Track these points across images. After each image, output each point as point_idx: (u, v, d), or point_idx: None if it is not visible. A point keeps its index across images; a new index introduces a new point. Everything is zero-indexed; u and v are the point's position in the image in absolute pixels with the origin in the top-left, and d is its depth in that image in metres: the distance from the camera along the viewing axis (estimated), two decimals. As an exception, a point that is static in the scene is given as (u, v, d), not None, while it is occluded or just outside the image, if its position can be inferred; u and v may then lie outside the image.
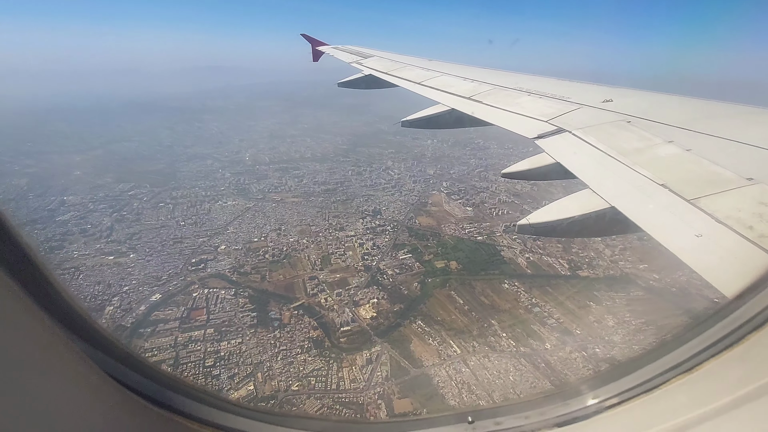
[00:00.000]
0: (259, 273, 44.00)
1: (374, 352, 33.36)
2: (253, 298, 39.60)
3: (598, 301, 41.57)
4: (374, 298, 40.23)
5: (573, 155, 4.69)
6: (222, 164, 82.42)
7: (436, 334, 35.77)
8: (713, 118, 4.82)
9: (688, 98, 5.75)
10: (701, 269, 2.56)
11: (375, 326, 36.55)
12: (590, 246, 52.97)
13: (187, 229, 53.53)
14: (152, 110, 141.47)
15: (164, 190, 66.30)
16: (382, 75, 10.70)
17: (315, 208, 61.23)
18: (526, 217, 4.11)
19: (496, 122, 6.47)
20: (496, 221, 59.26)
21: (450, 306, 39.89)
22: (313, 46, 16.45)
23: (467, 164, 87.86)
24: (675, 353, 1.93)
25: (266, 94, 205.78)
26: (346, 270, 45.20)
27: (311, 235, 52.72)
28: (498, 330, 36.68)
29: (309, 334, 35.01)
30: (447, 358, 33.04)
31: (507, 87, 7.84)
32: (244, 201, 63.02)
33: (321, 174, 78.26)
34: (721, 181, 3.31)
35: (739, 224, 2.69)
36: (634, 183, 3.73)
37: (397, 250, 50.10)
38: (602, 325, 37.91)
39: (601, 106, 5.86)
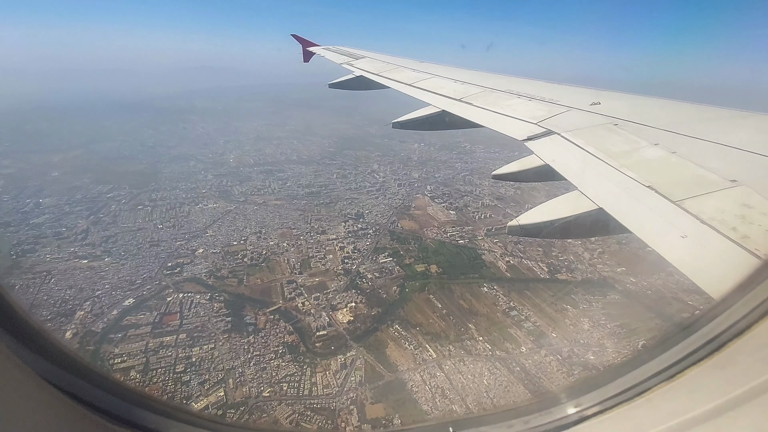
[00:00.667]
0: (236, 277, 43.41)
1: (349, 357, 33.07)
2: (229, 303, 39.01)
3: (575, 305, 41.92)
4: (352, 302, 39.96)
5: (562, 157, 4.74)
6: (205, 166, 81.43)
7: (412, 339, 35.63)
8: (697, 122, 4.91)
9: (674, 102, 5.86)
10: (687, 270, 2.59)
11: (352, 330, 36.28)
12: (570, 249, 53.56)
13: (165, 232, 52.63)
14: (138, 110, 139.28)
15: (144, 192, 65.17)
16: (373, 76, 10.69)
17: (297, 211, 60.79)
18: (516, 219, 4.10)
19: (486, 124, 6.52)
20: (479, 225, 59.53)
21: (428, 310, 39.81)
22: (304, 46, 16.35)
23: (453, 168, 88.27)
24: (656, 361, 1.93)
25: (255, 95, 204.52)
26: (325, 274, 44.85)
27: (292, 239, 52.26)
28: (475, 334, 36.70)
29: (284, 339, 34.56)
30: (422, 363, 32.91)
31: (497, 89, 7.92)
32: (225, 203, 62.27)
33: (306, 177, 77.83)
34: (705, 183, 3.37)
35: (723, 225, 2.72)
36: (621, 185, 3.78)
37: (378, 253, 49.92)
38: (578, 328, 38.21)
39: (589, 109, 5.95)
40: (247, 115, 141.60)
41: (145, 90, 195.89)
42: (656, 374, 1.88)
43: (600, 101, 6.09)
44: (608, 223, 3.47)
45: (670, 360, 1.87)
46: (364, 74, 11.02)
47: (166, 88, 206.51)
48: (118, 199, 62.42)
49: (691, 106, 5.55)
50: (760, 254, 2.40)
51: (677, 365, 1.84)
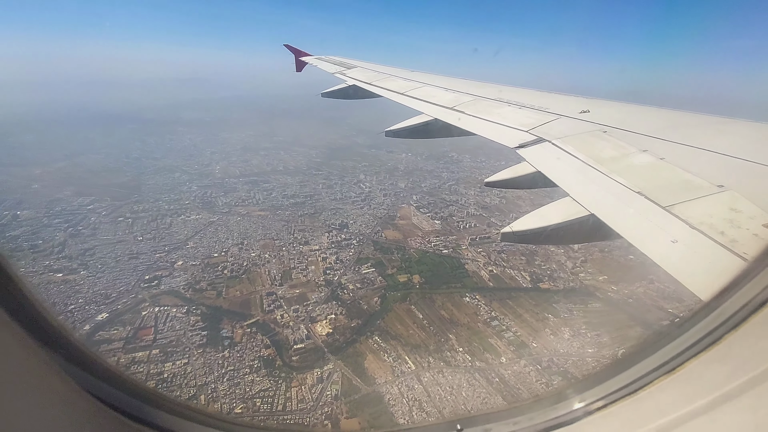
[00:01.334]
0: (215, 289, 42.73)
1: (326, 371, 32.53)
2: (206, 316, 38.31)
3: (556, 314, 41.96)
4: (332, 313, 39.51)
5: (553, 164, 4.77)
6: (190, 177, 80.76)
7: (391, 350, 35.24)
8: (684, 128, 4.99)
9: (660, 109, 5.93)
10: (678, 274, 2.62)
11: (330, 343, 35.77)
12: (553, 258, 53.87)
13: (144, 244, 51.81)
14: (124, 122, 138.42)
15: (125, 204, 64.29)
16: (366, 85, 10.77)
17: (281, 222, 60.39)
18: (510, 225, 4.15)
19: (478, 132, 6.55)
20: (463, 234, 59.64)
21: (409, 321, 39.50)
22: (297, 56, 16.40)
23: (439, 177, 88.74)
24: (658, 354, 1.97)
25: (245, 106, 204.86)
26: (306, 285, 44.39)
27: (274, 250, 51.78)
28: (455, 344, 36.43)
29: (260, 353, 33.92)
30: (400, 375, 32.50)
31: (488, 98, 8.00)
32: (208, 215, 61.64)
33: (291, 187, 77.58)
34: (693, 188, 3.43)
35: (711, 230, 2.78)
36: (611, 191, 3.83)
37: (361, 264, 49.64)
38: (558, 337, 38.16)
39: (578, 117, 6.01)
40: (235, 126, 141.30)
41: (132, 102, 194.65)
42: (657, 368, 1.92)
43: (589, 109, 6.19)
44: (600, 229, 3.51)
45: (669, 354, 1.92)
46: (356, 83, 11.13)
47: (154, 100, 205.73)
48: (98, 211, 61.44)
49: (676, 113, 5.65)
50: (748, 257, 2.44)
51: (677, 358, 1.88)
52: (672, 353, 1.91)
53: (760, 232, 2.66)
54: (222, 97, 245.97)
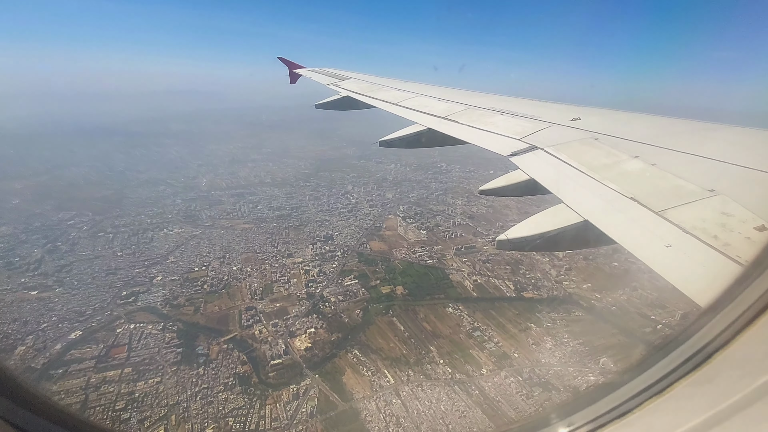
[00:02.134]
0: (193, 305, 41.92)
1: (303, 387, 31.85)
2: (182, 333, 37.48)
3: (539, 323, 41.74)
4: (312, 327, 38.88)
5: (546, 171, 4.81)
6: (175, 190, 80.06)
7: (371, 364, 34.65)
8: (674, 134, 5.04)
9: (649, 116, 6.01)
10: (672, 279, 2.61)
11: (308, 358, 35.09)
12: (537, 266, 53.88)
13: (123, 259, 50.90)
14: (111, 134, 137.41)
15: (106, 219, 63.38)
16: (359, 96, 10.78)
17: (265, 235, 59.83)
18: (505, 233, 4.10)
19: (471, 141, 6.58)
20: (449, 244, 59.50)
21: (390, 333, 39.00)
22: (290, 68, 16.48)
23: (427, 188, 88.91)
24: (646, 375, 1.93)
25: (236, 118, 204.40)
26: (287, 299, 43.75)
27: (256, 263, 51.14)
28: (436, 357, 35.97)
29: (236, 370, 33.16)
30: (379, 389, 31.91)
31: (480, 107, 8.05)
32: (191, 228, 60.90)
33: (277, 199, 77.17)
34: (685, 193, 3.46)
35: (704, 234, 2.79)
36: (604, 197, 3.88)
37: (344, 276, 49.17)
38: (540, 347, 37.89)
39: (570, 125, 6.07)
40: (224, 138, 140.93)
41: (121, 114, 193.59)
42: (646, 389, 1.88)
43: (580, 117, 6.24)
44: (594, 235, 3.52)
45: (658, 374, 1.88)
46: (350, 94, 11.16)
47: (143, 112, 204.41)
48: (78, 226, 60.43)
49: (665, 119, 5.70)
50: (741, 261, 2.45)
51: (665, 380, 1.84)
52: (661, 374, 1.87)
53: (752, 235, 2.68)
54: (213, 109, 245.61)
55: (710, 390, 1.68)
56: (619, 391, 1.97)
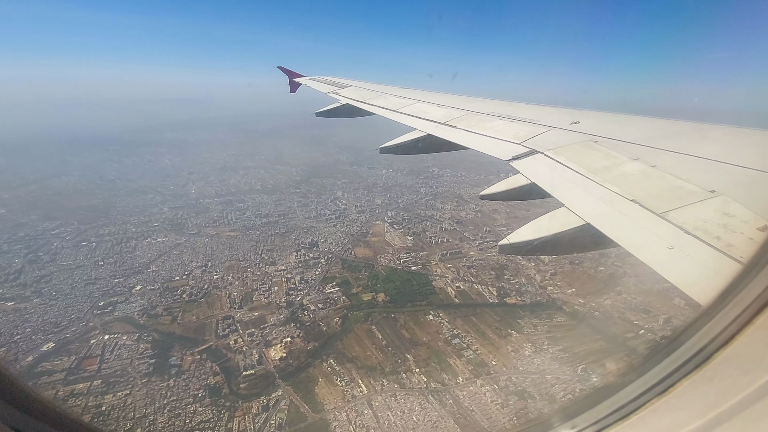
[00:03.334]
0: (171, 314, 41.55)
1: (274, 398, 31.37)
2: (157, 343, 37.08)
3: (519, 329, 41.26)
4: (289, 336, 38.45)
5: (546, 175, 4.81)
6: (163, 198, 79.95)
7: (346, 374, 34.18)
8: (673, 136, 5.04)
9: (647, 118, 5.98)
10: (676, 280, 2.59)
11: (282, 368, 34.64)
12: (522, 272, 53.47)
13: (105, 269, 50.60)
14: (105, 143, 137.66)
15: (92, 228, 63.16)
16: (359, 104, 10.85)
17: (250, 242, 59.54)
18: (507, 237, 4.09)
19: (471, 146, 6.58)
20: (435, 250, 59.16)
21: (368, 342, 38.54)
22: (290, 77, 16.56)
23: (417, 192, 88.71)
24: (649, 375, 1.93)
25: (232, 125, 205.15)
26: (266, 307, 43.36)
27: (239, 271, 50.81)
28: (412, 365, 35.49)
29: (207, 381, 32.71)
30: (351, 400, 31.42)
31: (479, 112, 8.07)
32: (175, 237, 60.64)
33: (266, 206, 77.01)
34: (686, 194, 3.43)
35: (706, 235, 2.77)
36: (605, 199, 3.85)
37: (326, 283, 48.81)
38: (519, 354, 37.40)
39: (569, 128, 6.06)
40: (218, 146, 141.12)
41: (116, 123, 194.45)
42: (648, 390, 1.88)
43: (579, 120, 6.22)
44: (596, 238, 3.50)
45: (660, 375, 1.87)
46: (350, 102, 11.21)
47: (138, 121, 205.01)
48: (62, 236, 60.22)
49: (664, 121, 5.69)
50: (744, 261, 2.42)
51: (668, 379, 1.83)
52: (662, 374, 1.87)
53: (755, 235, 2.64)
54: (209, 118, 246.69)
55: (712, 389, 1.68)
56: (621, 393, 1.97)
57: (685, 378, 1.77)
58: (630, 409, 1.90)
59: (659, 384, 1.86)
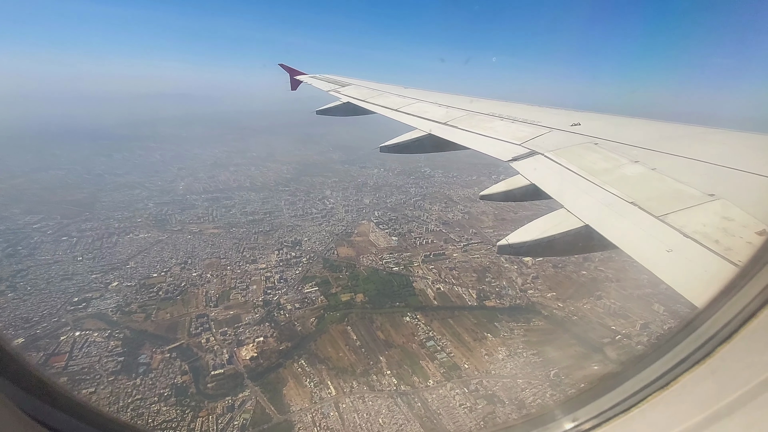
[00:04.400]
0: (145, 311, 41.18)
1: (241, 398, 31.09)
2: (128, 341, 36.72)
3: (495, 333, 41.10)
4: (262, 336, 38.14)
5: (546, 176, 4.81)
6: (150, 194, 79.47)
7: (316, 375, 33.92)
8: (673, 139, 5.07)
9: (648, 120, 6.02)
10: (674, 284, 2.60)
11: (253, 368, 34.35)
12: (504, 275, 53.32)
13: (83, 264, 50.16)
14: (97, 137, 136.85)
15: (74, 222, 62.66)
16: (360, 102, 10.88)
17: (233, 240, 59.17)
18: (506, 238, 4.08)
19: (471, 146, 6.58)
20: (419, 251, 58.89)
21: (341, 343, 38.29)
22: (291, 75, 16.52)
23: (407, 193, 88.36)
24: (650, 369, 1.94)
25: (228, 122, 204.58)
26: (242, 306, 43.04)
27: (218, 269, 50.46)
28: (384, 367, 35.26)
29: (174, 380, 32.39)
30: (319, 401, 31.18)
31: (480, 112, 8.09)
32: (158, 233, 60.22)
33: (252, 204, 76.60)
34: (685, 197, 3.44)
35: (705, 238, 2.79)
36: (605, 201, 3.86)
37: (306, 283, 48.52)
38: (492, 358, 37.22)
39: (569, 130, 6.06)
40: (211, 142, 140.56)
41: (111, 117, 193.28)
42: (650, 384, 1.89)
43: (580, 122, 6.21)
44: (595, 240, 3.52)
45: (662, 368, 1.89)
46: (351, 101, 11.19)
47: (134, 116, 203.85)
48: (44, 230, 59.73)
49: (665, 124, 5.72)
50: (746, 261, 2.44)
51: (670, 373, 1.84)
52: (664, 368, 1.88)
53: (753, 239, 2.66)
54: (206, 113, 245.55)
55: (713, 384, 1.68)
56: (623, 386, 1.98)
57: (687, 372, 1.78)
58: (631, 402, 1.90)
59: (661, 378, 1.86)
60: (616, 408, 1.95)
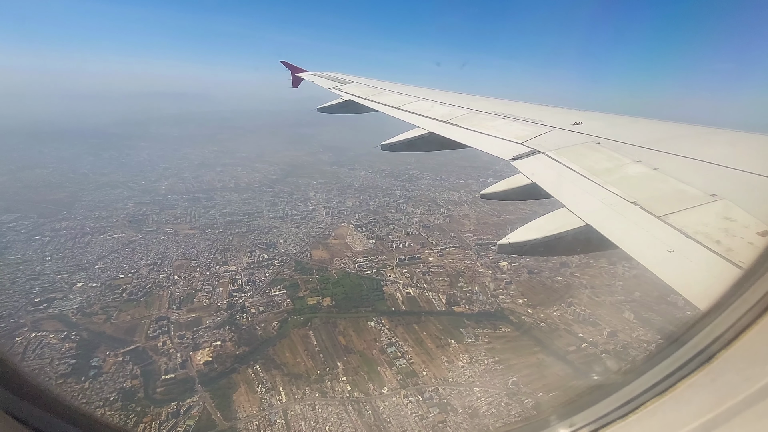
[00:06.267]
0: (106, 313, 40.81)
1: (188, 404, 30.69)
2: (84, 343, 36.35)
3: (459, 339, 40.64)
4: (219, 340, 37.75)
5: (548, 176, 4.81)
6: (132, 193, 79.23)
7: (269, 381, 33.51)
8: (676, 139, 5.02)
9: (650, 120, 6.01)
10: (675, 284, 2.60)
11: (206, 373, 33.96)
12: (478, 279, 52.91)
13: (51, 264, 49.81)
14: (87, 136, 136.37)
15: (50, 221, 62.33)
16: (361, 100, 10.89)
17: (207, 241, 58.81)
18: (506, 237, 4.08)
19: (472, 144, 6.59)
20: (394, 254, 58.49)
21: (300, 348, 37.87)
22: (293, 72, 16.55)
23: (391, 195, 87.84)
24: (648, 375, 1.92)
25: (222, 121, 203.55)
26: (206, 309, 42.65)
27: (187, 271, 50.10)
28: (340, 374, 34.84)
29: (123, 384, 32.00)
30: (267, 408, 30.77)
31: (482, 111, 8.08)
32: (132, 233, 59.89)
33: (233, 204, 76.26)
34: (687, 197, 3.44)
35: (707, 239, 2.78)
36: (606, 201, 3.84)
37: (274, 286, 48.11)
38: (452, 365, 36.78)
39: (571, 129, 6.04)
40: (201, 142, 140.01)
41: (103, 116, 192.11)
42: (648, 390, 1.87)
43: (582, 121, 6.20)
44: (596, 240, 3.51)
45: (661, 374, 1.87)
46: (352, 98, 11.18)
47: (127, 114, 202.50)
48: (17, 229, 59.41)
49: (667, 124, 5.70)
50: (744, 266, 2.42)
51: (668, 379, 1.83)
52: (663, 374, 1.85)
53: (755, 240, 2.64)
54: (201, 112, 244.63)
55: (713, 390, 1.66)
56: (621, 392, 1.96)
57: (686, 378, 1.76)
58: (629, 408, 1.88)
59: (659, 384, 1.84)
60: (613, 414, 1.92)
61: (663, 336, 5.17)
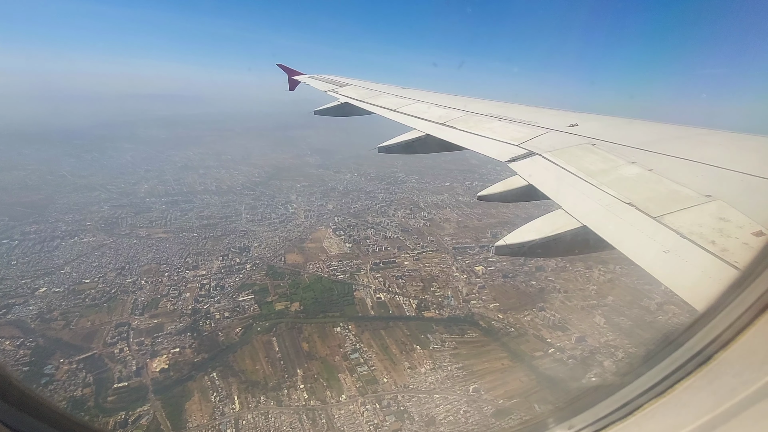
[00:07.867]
0: (65, 319, 40.04)
1: (138, 413, 30.06)
2: (39, 349, 35.62)
3: (425, 345, 40.28)
4: (179, 347, 37.12)
5: (544, 177, 4.84)
6: (110, 196, 78.32)
7: (224, 389, 32.94)
8: (670, 140, 5.06)
9: (646, 122, 6.06)
10: (671, 284, 2.62)
11: (160, 381, 33.33)
12: (451, 284, 52.63)
13: (16, 268, 48.94)
14: (72, 137, 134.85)
15: (20, 225, 61.36)
16: (358, 102, 10.92)
17: (180, 245, 58.10)
18: (503, 238, 4.10)
19: (469, 146, 6.62)
20: (369, 258, 58.06)
21: (261, 354, 37.32)
22: (289, 75, 16.55)
23: (374, 198, 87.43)
24: (645, 377, 1.93)
25: (212, 123, 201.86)
26: (169, 314, 41.97)
27: (156, 275, 49.37)
28: (299, 381, 34.35)
29: (75, 393, 31.33)
30: (219, 417, 30.24)
31: (478, 113, 8.10)
32: (104, 237, 59.08)
33: (212, 208, 75.52)
34: (682, 198, 3.46)
35: (702, 239, 2.82)
36: (602, 202, 3.86)
37: (243, 290, 47.53)
38: (415, 372, 36.41)
39: (567, 130, 6.08)
40: (187, 144, 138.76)
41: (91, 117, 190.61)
42: (646, 391, 1.87)
43: (577, 123, 6.23)
44: (592, 240, 3.53)
45: (658, 376, 1.87)
46: (349, 101, 11.21)
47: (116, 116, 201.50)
48: (-14, 232, 58.36)
49: (662, 125, 5.74)
50: (739, 266, 2.44)
51: (666, 381, 1.82)
52: (661, 375, 1.85)
53: (749, 240, 2.67)
54: (192, 114, 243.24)
55: (710, 392, 1.66)
56: (620, 394, 1.96)
57: (684, 380, 1.76)
58: (628, 410, 1.88)
59: (658, 385, 1.84)
60: (612, 416, 1.92)
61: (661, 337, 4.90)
